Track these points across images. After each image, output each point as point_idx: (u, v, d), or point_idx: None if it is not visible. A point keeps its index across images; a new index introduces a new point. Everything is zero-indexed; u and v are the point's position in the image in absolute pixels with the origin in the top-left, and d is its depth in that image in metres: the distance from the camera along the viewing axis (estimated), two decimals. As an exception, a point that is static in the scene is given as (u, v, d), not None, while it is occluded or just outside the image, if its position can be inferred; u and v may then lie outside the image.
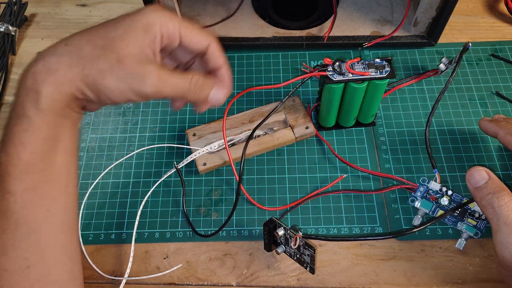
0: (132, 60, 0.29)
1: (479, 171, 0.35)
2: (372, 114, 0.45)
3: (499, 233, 0.33)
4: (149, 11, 0.30)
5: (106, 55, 0.29)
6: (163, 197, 0.44)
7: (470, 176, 0.35)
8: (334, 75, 0.40)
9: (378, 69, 0.40)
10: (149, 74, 0.29)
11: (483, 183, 0.35)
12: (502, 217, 0.32)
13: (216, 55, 0.34)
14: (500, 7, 0.57)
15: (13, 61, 0.55)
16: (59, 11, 0.60)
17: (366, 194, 0.44)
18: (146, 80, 0.29)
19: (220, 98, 0.35)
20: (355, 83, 0.40)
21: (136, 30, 0.30)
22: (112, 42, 0.29)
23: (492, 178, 0.35)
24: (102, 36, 0.29)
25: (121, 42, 0.29)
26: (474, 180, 0.35)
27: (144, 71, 0.29)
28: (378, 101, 0.43)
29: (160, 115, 0.50)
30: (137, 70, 0.29)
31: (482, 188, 0.35)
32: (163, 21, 0.30)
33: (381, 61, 0.40)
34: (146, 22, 0.30)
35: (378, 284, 0.39)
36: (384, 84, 0.40)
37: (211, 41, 0.33)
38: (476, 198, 0.35)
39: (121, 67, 0.29)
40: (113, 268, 0.41)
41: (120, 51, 0.29)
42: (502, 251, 0.33)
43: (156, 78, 0.29)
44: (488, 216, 0.34)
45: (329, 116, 0.45)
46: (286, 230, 0.36)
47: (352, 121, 0.46)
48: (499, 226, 0.33)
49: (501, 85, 0.50)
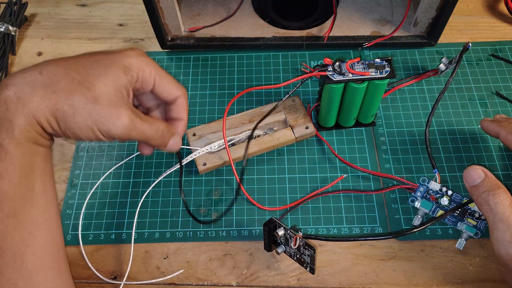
0: (107, 100, 0.29)
1: (475, 170, 0.36)
2: (372, 114, 0.45)
3: (495, 230, 0.33)
4: (131, 55, 0.31)
5: (81, 92, 0.29)
6: (163, 197, 0.44)
7: (467, 174, 0.36)
8: (334, 75, 0.40)
9: (378, 69, 0.40)
10: (122, 116, 0.30)
11: (479, 181, 0.35)
12: (498, 214, 0.33)
13: (182, 108, 0.36)
14: (500, 7, 0.57)
15: (13, 61, 0.55)
16: (59, 11, 0.60)
17: (366, 194, 0.44)
18: (118, 122, 0.29)
19: (177, 147, 0.36)
20: (355, 83, 0.40)
21: (115, 70, 0.30)
22: (90, 79, 0.29)
23: (488, 176, 0.35)
24: (80, 71, 0.29)
25: (99, 81, 0.29)
26: (470, 179, 0.36)
27: (118, 113, 0.30)
28: (378, 101, 0.43)
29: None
30: (111, 111, 0.29)
31: (478, 186, 0.35)
32: (141, 66, 0.31)
33: (381, 61, 0.40)
34: (126, 64, 0.31)
35: (378, 284, 0.39)
36: (384, 84, 0.40)
37: (181, 94, 0.35)
38: (473, 196, 0.36)
39: (95, 106, 0.29)
40: (113, 268, 0.41)
41: (97, 89, 0.29)
42: (498, 248, 0.33)
43: (127, 121, 0.30)
44: (484, 213, 0.34)
45: (329, 116, 0.45)
46: (286, 230, 0.36)
47: (352, 121, 0.46)
48: (495, 223, 0.33)
49: (501, 85, 0.50)
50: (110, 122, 0.29)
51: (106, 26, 0.58)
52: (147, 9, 0.47)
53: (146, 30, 0.57)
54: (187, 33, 0.53)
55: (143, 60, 0.32)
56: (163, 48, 0.53)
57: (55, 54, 0.56)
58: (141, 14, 0.59)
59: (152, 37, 0.56)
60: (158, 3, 0.47)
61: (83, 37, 0.57)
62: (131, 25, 0.58)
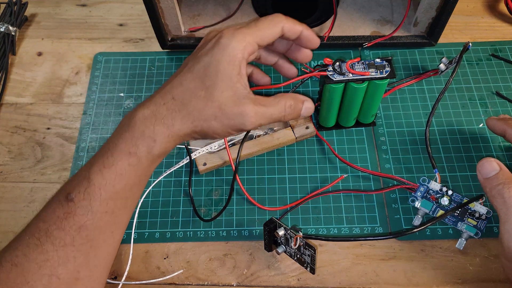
0: (230, 105, 0.33)
1: (490, 162, 0.36)
2: (372, 114, 0.45)
3: (508, 223, 0.33)
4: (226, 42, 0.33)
5: (208, 106, 0.33)
6: (163, 197, 0.44)
7: (481, 166, 0.36)
8: (334, 75, 0.40)
9: (378, 69, 0.40)
10: (247, 113, 0.34)
11: (493, 174, 0.35)
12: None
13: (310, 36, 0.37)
14: (500, 7, 0.57)
15: (13, 61, 0.55)
16: (59, 11, 0.60)
17: (366, 194, 0.44)
18: (245, 119, 0.34)
19: (312, 110, 0.38)
20: (355, 83, 0.40)
21: (224, 72, 0.33)
22: (211, 92, 0.33)
23: (503, 170, 0.35)
24: (199, 87, 0.33)
25: (217, 90, 0.33)
26: (485, 171, 0.36)
27: (242, 111, 0.34)
28: (378, 101, 0.43)
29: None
30: (236, 112, 0.33)
31: (492, 178, 0.35)
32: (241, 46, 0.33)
33: (381, 61, 0.40)
34: (228, 57, 0.33)
35: (378, 284, 0.39)
36: (384, 84, 0.40)
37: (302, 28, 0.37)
38: (485, 188, 0.36)
39: (223, 114, 0.33)
40: (113, 268, 0.41)
41: (219, 99, 0.33)
42: (508, 241, 0.33)
43: (253, 116, 0.34)
44: (497, 206, 0.34)
45: (329, 116, 0.45)
46: (287, 230, 0.36)
47: (352, 121, 0.46)
48: (508, 216, 0.33)
49: (501, 85, 0.50)
50: (240, 122, 0.34)
51: (106, 26, 0.58)
52: (147, 9, 0.47)
53: (146, 30, 0.57)
54: (187, 33, 0.53)
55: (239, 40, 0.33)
56: (163, 48, 0.53)
57: (55, 54, 0.56)
58: (141, 14, 0.59)
59: (152, 37, 0.56)
60: (158, 3, 0.47)
61: (83, 37, 0.57)
62: (131, 25, 0.58)
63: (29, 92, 0.53)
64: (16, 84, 0.53)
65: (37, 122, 0.50)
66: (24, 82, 0.54)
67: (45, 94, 0.52)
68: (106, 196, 0.32)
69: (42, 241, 0.30)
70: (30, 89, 0.53)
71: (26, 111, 0.51)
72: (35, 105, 0.52)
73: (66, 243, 0.31)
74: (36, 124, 0.50)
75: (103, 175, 0.32)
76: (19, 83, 0.53)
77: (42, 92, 0.52)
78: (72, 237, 0.31)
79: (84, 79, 0.53)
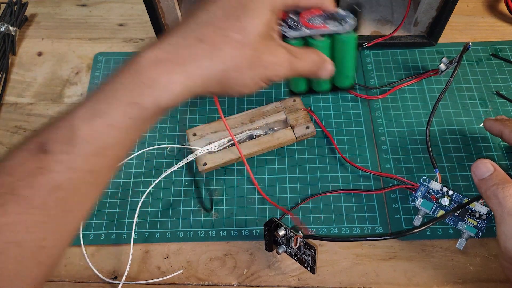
0: (267, 53, 0.29)
1: (484, 163, 0.36)
2: (347, 75, 0.37)
3: (503, 224, 0.33)
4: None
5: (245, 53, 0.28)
6: (163, 197, 0.44)
7: (476, 167, 0.36)
8: (288, 31, 0.33)
9: (339, 21, 0.33)
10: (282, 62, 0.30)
11: (488, 175, 0.35)
12: (507, 208, 0.33)
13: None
14: (500, 7, 0.57)
15: (13, 61, 0.55)
16: (59, 11, 0.60)
17: (366, 194, 0.44)
18: (279, 69, 0.30)
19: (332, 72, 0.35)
20: (314, 39, 0.33)
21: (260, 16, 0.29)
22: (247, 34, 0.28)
23: (497, 170, 0.35)
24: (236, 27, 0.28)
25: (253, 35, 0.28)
26: (479, 172, 0.36)
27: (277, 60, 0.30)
28: (350, 60, 0.36)
29: (161, 115, 0.50)
30: (272, 61, 0.30)
31: (487, 179, 0.35)
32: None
33: (344, 12, 0.33)
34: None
35: (379, 284, 0.39)
36: (351, 39, 0.33)
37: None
38: (481, 189, 0.35)
39: (259, 62, 0.29)
40: (113, 268, 0.41)
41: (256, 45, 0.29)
42: (505, 242, 0.33)
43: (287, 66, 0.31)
44: (492, 207, 0.34)
45: (297, 78, 0.38)
46: (287, 230, 0.36)
47: (325, 85, 0.38)
48: (503, 217, 0.33)
49: (501, 85, 0.50)
50: (273, 73, 0.30)
51: (106, 26, 0.58)
52: (147, 9, 0.47)
53: (146, 30, 0.57)
54: (188, 33, 0.53)
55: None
56: (164, 48, 0.53)
57: (55, 54, 0.56)
58: (141, 14, 0.59)
59: (152, 37, 0.56)
60: (158, 3, 0.47)
61: (83, 37, 0.57)
62: (131, 25, 0.58)
63: (29, 92, 0.53)
64: (16, 84, 0.53)
65: (38, 122, 0.50)
66: (24, 82, 0.54)
67: (45, 94, 0.52)
68: (92, 151, 0.26)
69: (5, 199, 0.24)
70: (30, 89, 0.53)
71: (26, 111, 0.51)
72: (35, 105, 0.52)
73: (35, 205, 0.25)
74: (36, 124, 0.50)
75: (91, 125, 0.26)
76: (19, 83, 0.53)
77: (42, 92, 0.53)
78: (42, 198, 0.25)
79: (84, 79, 0.53)
